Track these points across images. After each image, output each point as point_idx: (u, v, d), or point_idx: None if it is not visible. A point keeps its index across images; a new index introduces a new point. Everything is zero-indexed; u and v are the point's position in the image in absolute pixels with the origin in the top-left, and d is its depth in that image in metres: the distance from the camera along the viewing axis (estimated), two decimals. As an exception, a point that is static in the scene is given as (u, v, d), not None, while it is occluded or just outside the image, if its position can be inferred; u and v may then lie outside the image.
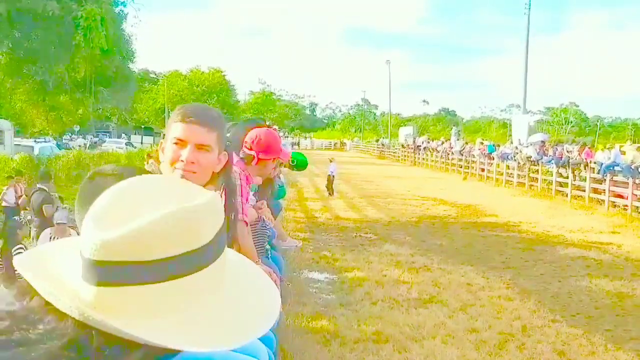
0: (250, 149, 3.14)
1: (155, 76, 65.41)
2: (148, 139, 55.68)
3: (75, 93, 26.56)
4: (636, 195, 14.90)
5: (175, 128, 1.84)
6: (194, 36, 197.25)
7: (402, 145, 44.95)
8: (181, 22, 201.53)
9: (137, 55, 36.99)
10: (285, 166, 5.93)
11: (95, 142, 40.59)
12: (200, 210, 0.82)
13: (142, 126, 59.91)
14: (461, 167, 29.04)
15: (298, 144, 60.19)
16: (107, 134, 56.32)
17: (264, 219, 3.62)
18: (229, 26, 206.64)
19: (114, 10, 24.76)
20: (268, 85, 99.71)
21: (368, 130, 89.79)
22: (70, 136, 41.16)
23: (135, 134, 59.01)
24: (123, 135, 56.23)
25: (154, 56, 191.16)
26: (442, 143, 35.61)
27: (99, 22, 21.55)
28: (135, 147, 40.00)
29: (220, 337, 0.81)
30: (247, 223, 3.00)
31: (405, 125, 59.60)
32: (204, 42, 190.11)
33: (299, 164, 6.45)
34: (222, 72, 60.24)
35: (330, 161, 18.18)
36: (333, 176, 17.36)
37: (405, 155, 41.88)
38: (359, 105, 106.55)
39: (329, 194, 17.06)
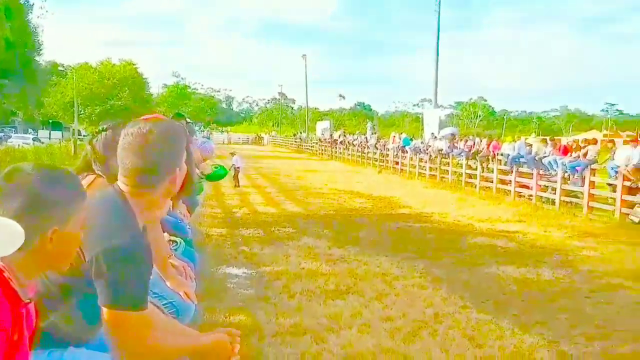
0: None
1: (63, 69, 62.56)
2: (56, 134, 53.31)
3: (-21, 87, 25.04)
4: (540, 185, 15.76)
5: None
6: (104, 28, 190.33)
7: (320, 140, 45.28)
8: (91, 12, 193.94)
9: (44, 47, 35.26)
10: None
11: (0, 138, 38.40)
12: None
13: (50, 121, 57.27)
14: (376, 160, 29.62)
15: (209, 138, 58.95)
16: (13, 129, 53.37)
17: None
18: (140, 17, 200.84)
19: (19, 1, 23.49)
20: (182, 79, 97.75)
21: (285, 125, 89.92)
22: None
23: (43, 129, 56.37)
24: (30, 130, 53.52)
25: (63, 48, 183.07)
26: (357, 137, 36.20)
27: (4, 13, 20.37)
28: (43, 143, 38.16)
29: None
30: None
31: (322, 120, 60.10)
32: (115, 33, 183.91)
33: (214, 176, 6.35)
34: (134, 64, 58.42)
35: (232, 155, 18.86)
36: (237, 168, 18.00)
37: (322, 150, 42.23)
38: (276, 99, 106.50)
39: (236, 185, 17.76)
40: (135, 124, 1.92)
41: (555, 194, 14.96)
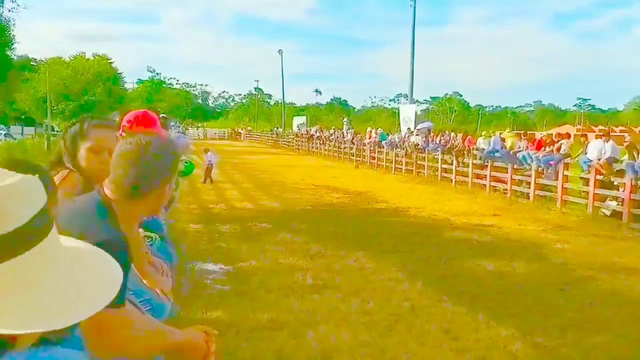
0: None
1: (35, 64, 61.55)
2: (29, 130, 52.42)
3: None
4: (515, 179, 15.94)
5: None
6: (77, 21, 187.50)
7: (296, 135, 45.25)
8: (64, 6, 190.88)
9: (16, 41, 34.60)
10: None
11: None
12: (7, 192, 0.81)
13: (23, 117, 56.39)
14: (353, 155, 29.68)
15: (184, 133, 58.28)
16: (-16, 125, 52.54)
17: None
18: (115, 10, 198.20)
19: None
20: (157, 74, 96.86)
21: (262, 120, 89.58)
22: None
23: (15, 124, 55.50)
24: (2, 126, 52.64)
25: (36, 42, 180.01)
26: (334, 132, 36.24)
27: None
28: (15, 139, 37.53)
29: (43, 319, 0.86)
30: None
31: (298, 115, 60.06)
32: (88, 27, 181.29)
33: (186, 172, 6.32)
34: (108, 59, 57.69)
35: (206, 152, 18.28)
36: (211, 165, 17.64)
37: (299, 145, 42.19)
38: (252, 94, 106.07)
39: (204, 181, 17.25)
40: (135, 134, 1.91)
41: (529, 188, 15.14)
